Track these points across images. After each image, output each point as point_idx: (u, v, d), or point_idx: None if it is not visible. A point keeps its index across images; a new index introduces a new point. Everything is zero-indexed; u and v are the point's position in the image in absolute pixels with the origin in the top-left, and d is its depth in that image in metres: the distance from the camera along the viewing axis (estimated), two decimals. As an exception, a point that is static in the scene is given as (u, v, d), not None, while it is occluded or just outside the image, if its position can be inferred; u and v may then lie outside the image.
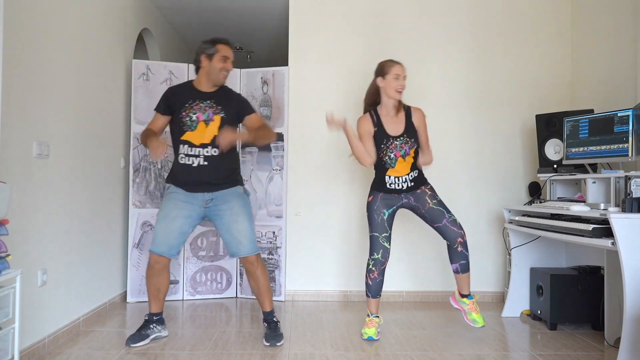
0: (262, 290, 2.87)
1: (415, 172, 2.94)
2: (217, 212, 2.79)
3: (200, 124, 2.74)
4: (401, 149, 2.88)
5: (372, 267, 2.94)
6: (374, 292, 2.97)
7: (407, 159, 2.89)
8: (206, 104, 2.77)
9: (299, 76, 4.00)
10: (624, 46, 3.31)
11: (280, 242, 3.93)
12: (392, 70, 2.86)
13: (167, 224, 2.74)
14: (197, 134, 2.74)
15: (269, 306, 2.91)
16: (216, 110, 2.77)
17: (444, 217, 2.89)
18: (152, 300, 2.85)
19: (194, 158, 2.74)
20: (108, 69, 3.49)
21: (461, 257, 2.92)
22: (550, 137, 3.45)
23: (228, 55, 2.80)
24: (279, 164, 3.94)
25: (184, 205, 2.76)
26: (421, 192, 2.93)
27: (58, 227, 2.80)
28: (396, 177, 2.90)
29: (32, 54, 2.52)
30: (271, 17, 4.96)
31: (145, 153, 3.83)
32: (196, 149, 2.74)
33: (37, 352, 2.56)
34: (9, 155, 2.33)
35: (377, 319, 2.98)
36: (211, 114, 2.76)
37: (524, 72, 4.00)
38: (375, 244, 2.92)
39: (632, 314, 2.29)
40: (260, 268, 2.85)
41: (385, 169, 2.91)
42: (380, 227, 2.92)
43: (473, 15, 4.02)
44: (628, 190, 2.63)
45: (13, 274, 2.02)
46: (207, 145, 2.74)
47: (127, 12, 3.88)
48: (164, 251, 2.74)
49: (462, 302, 3.04)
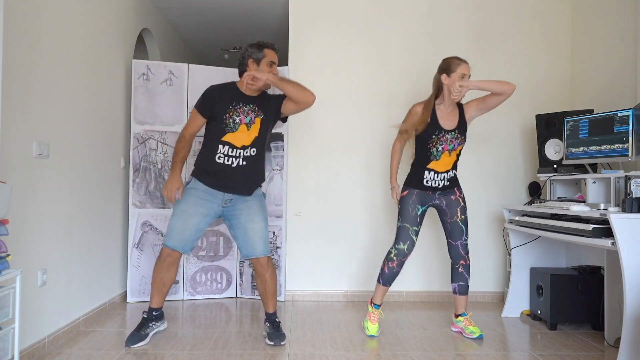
0: (268, 293, 2.88)
1: (453, 173, 2.97)
2: (234, 211, 2.81)
3: (242, 126, 2.76)
4: (450, 143, 2.90)
5: (394, 256, 2.94)
6: (386, 280, 2.98)
7: (452, 154, 2.91)
8: (249, 107, 2.79)
9: (299, 76, 4.00)
10: (624, 46, 3.31)
11: (280, 242, 3.93)
12: (459, 69, 2.86)
13: (184, 219, 2.75)
14: (238, 136, 2.76)
15: (273, 308, 2.91)
16: (258, 113, 2.80)
17: (461, 238, 2.95)
18: (156, 293, 2.83)
19: (234, 159, 2.76)
20: (108, 69, 3.49)
21: (461, 278, 2.98)
22: (550, 137, 3.45)
23: (274, 60, 2.82)
24: (279, 164, 3.94)
25: (203, 202, 2.77)
26: (455, 200, 2.96)
27: (58, 227, 2.80)
28: (436, 173, 2.91)
29: (32, 54, 2.52)
30: (271, 17, 4.96)
31: (146, 153, 3.83)
32: (237, 150, 2.76)
33: (37, 352, 2.56)
34: (9, 155, 2.33)
35: (379, 310, 3.01)
36: (253, 117, 2.78)
37: (524, 72, 4.00)
38: (403, 234, 2.92)
39: (632, 314, 2.29)
40: (271, 270, 2.86)
41: (429, 160, 2.91)
42: (412, 220, 2.93)
43: (473, 15, 4.02)
44: (628, 190, 2.63)
45: (13, 274, 2.02)
46: (248, 147, 2.78)
47: (127, 12, 3.88)
48: (177, 246, 2.76)
49: (458, 322, 3.06)
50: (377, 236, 3.96)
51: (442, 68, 2.92)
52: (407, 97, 3.96)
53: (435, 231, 3.93)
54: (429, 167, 2.92)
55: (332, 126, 3.99)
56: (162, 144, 3.86)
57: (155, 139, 3.84)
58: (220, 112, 2.76)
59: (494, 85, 2.84)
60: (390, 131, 3.95)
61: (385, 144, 3.95)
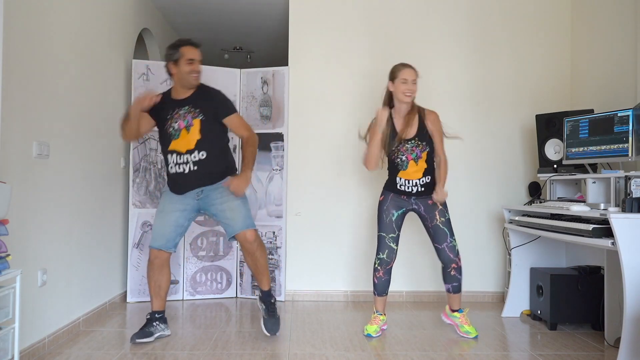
0: (259, 270, 2.86)
1: (428, 178, 2.93)
2: (208, 200, 2.81)
3: (182, 131, 2.75)
4: (412, 152, 2.88)
5: (378, 266, 2.97)
6: (379, 291, 3.00)
7: (419, 162, 2.89)
8: (184, 110, 2.77)
9: (299, 76, 4.00)
10: (624, 46, 3.31)
11: (280, 242, 3.92)
12: (400, 74, 2.85)
13: (162, 217, 2.80)
14: (181, 142, 2.75)
15: (267, 285, 2.92)
16: (194, 114, 2.76)
17: (445, 240, 2.92)
18: (154, 297, 2.86)
19: (184, 165, 2.76)
20: (108, 69, 3.49)
21: (454, 280, 2.99)
22: (550, 137, 3.45)
23: (193, 56, 2.76)
24: (279, 164, 3.94)
25: (178, 199, 2.81)
26: (433, 204, 2.93)
27: (58, 227, 2.80)
28: (407, 180, 2.91)
29: (32, 54, 2.52)
30: (271, 17, 4.96)
31: (146, 153, 3.83)
32: (184, 156, 2.75)
33: (37, 352, 2.56)
34: (9, 155, 2.33)
35: (382, 316, 3.01)
36: (190, 119, 2.75)
37: (524, 72, 4.00)
38: (381, 243, 2.95)
39: (632, 314, 2.29)
40: (260, 245, 2.83)
41: (397, 170, 2.92)
42: (387, 227, 2.93)
43: (473, 15, 4.02)
44: (628, 190, 2.63)
45: (13, 274, 2.02)
46: (193, 151, 2.75)
47: (127, 12, 3.88)
48: (161, 245, 2.79)
49: (453, 317, 3.07)
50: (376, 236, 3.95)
51: (390, 75, 2.92)
52: (407, 97, 3.96)
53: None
54: (399, 176, 2.93)
55: (332, 126, 3.99)
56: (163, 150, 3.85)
57: (155, 139, 3.84)
58: (162, 123, 2.78)
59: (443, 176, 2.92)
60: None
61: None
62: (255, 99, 3.99)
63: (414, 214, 3.08)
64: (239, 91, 4.01)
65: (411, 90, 2.85)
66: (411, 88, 2.85)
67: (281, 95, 3.96)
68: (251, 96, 3.99)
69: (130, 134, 2.82)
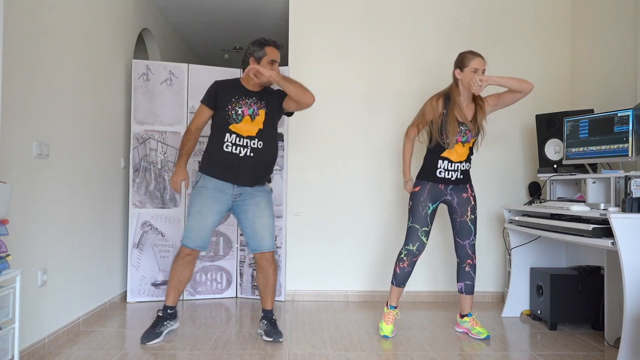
0: (269, 289, 2.93)
1: (468, 165, 2.96)
2: (242, 206, 2.85)
3: (246, 117, 2.80)
4: (464, 135, 2.90)
5: (404, 256, 2.95)
6: (399, 281, 2.99)
7: (465, 146, 2.92)
8: (251, 100, 2.83)
9: (299, 76, 3.99)
10: (624, 46, 3.31)
11: (280, 242, 3.93)
12: (471, 63, 2.85)
13: (200, 219, 2.80)
14: (243, 126, 2.79)
15: (271, 305, 2.95)
16: (260, 105, 2.83)
17: (469, 237, 2.95)
18: (173, 291, 2.87)
19: (242, 148, 2.79)
20: (108, 69, 3.49)
21: (467, 277, 2.98)
22: (550, 137, 3.45)
23: (276, 58, 2.83)
24: (279, 164, 3.94)
25: (214, 200, 2.81)
26: (467, 198, 2.96)
27: (58, 227, 2.80)
28: (449, 162, 2.91)
29: (32, 54, 2.52)
30: (271, 17, 4.96)
31: (146, 153, 3.83)
32: (244, 140, 2.79)
33: (37, 352, 2.56)
34: (9, 155, 2.33)
35: (395, 311, 3.00)
36: (256, 109, 2.82)
37: (524, 72, 4.00)
38: (413, 235, 2.93)
39: (632, 314, 2.29)
40: (274, 266, 2.92)
41: (443, 149, 2.91)
42: (422, 220, 2.93)
43: (474, 15, 4.02)
44: (628, 190, 2.63)
45: (13, 274, 2.02)
46: (254, 138, 2.80)
47: (127, 12, 3.88)
48: (198, 245, 2.82)
49: (463, 323, 3.06)
50: (377, 236, 3.96)
51: (456, 63, 2.93)
52: (407, 96, 3.96)
53: (441, 231, 3.93)
54: (442, 156, 2.92)
55: (332, 126, 3.99)
56: (162, 144, 3.86)
57: (155, 139, 3.84)
58: (223, 104, 2.81)
59: (513, 82, 2.82)
60: (389, 130, 3.95)
61: (385, 144, 3.95)
62: (255, 99, 3.99)
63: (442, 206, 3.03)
64: (239, 91, 4.01)
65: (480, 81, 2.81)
66: (482, 78, 2.81)
67: (281, 95, 3.96)
68: (251, 96, 3.99)
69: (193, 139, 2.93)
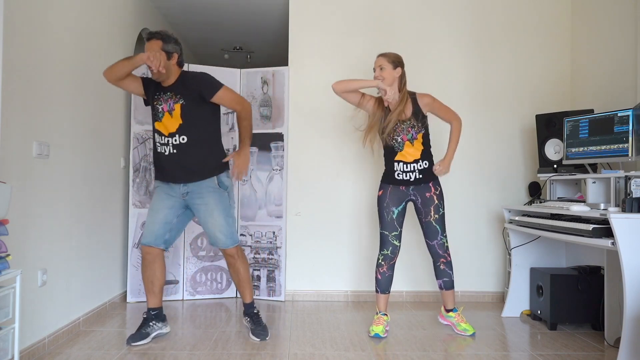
0: (242, 282, 2.94)
1: (426, 164, 2.95)
2: (194, 206, 2.86)
3: (165, 114, 2.80)
4: (407, 133, 2.91)
5: (382, 261, 2.99)
6: (383, 287, 3.00)
7: (414, 143, 2.92)
8: (167, 95, 2.82)
9: (299, 76, 4.00)
10: (624, 46, 3.31)
11: (280, 242, 3.93)
12: (374, 64, 2.97)
13: (152, 215, 2.85)
14: (164, 124, 2.80)
15: (249, 297, 2.97)
16: (175, 99, 2.80)
17: (436, 237, 2.96)
18: (148, 294, 2.90)
19: (165, 147, 2.81)
20: (108, 69, 3.49)
21: (444, 274, 3.01)
22: (550, 137, 3.45)
23: (147, 48, 2.74)
24: (279, 164, 3.94)
25: (166, 196, 2.86)
26: (430, 197, 2.95)
27: (58, 227, 2.80)
28: (405, 164, 2.92)
29: (32, 54, 2.52)
30: (271, 17, 4.96)
31: (146, 153, 3.83)
32: (166, 138, 2.80)
33: (37, 352, 2.56)
34: (9, 155, 2.33)
35: (385, 317, 3.01)
36: (172, 104, 2.80)
37: (524, 72, 4.00)
38: (384, 241, 2.98)
39: (632, 314, 2.29)
40: (240, 260, 2.92)
41: (395, 152, 2.94)
42: (389, 225, 2.96)
43: (473, 15, 4.02)
44: (628, 190, 2.63)
45: (13, 274, 2.02)
46: (175, 134, 2.79)
47: (127, 12, 3.88)
48: (150, 241, 2.83)
49: (449, 317, 3.09)
50: (377, 236, 3.96)
51: None
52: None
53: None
54: (396, 159, 2.95)
55: (332, 126, 3.99)
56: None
57: (155, 139, 3.84)
58: (150, 99, 2.86)
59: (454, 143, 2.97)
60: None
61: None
62: (255, 99, 3.99)
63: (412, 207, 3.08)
64: (239, 91, 4.01)
65: (380, 77, 2.91)
66: (379, 74, 2.91)
67: (281, 95, 3.96)
68: (251, 96, 3.99)
69: (114, 75, 2.73)
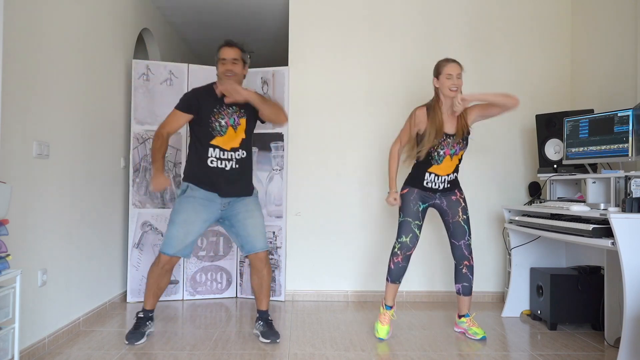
0: (264, 289, 2.91)
1: (455, 175, 2.95)
2: (232, 211, 2.85)
3: (229, 129, 2.78)
4: (452, 148, 2.89)
5: (398, 250, 2.92)
6: (394, 277, 2.94)
7: (453, 158, 2.91)
8: (232, 109, 2.80)
9: (299, 76, 4.00)
10: (624, 46, 3.31)
11: (280, 242, 3.92)
12: (445, 69, 2.84)
13: (186, 227, 2.75)
14: (226, 139, 2.78)
15: (266, 305, 2.94)
16: (240, 114, 2.81)
17: (464, 237, 2.93)
18: (152, 297, 2.89)
19: (227, 162, 2.79)
20: (108, 69, 3.49)
21: (465, 279, 2.96)
22: (550, 137, 3.45)
23: (225, 56, 2.76)
24: (279, 164, 3.94)
25: (202, 209, 2.78)
26: (456, 200, 2.95)
27: (58, 227, 2.80)
28: (436, 176, 2.91)
29: (33, 54, 2.52)
30: (271, 17, 4.96)
31: (146, 153, 3.83)
32: (228, 153, 2.79)
33: (37, 352, 2.56)
34: (9, 155, 2.33)
35: (391, 311, 2.96)
36: (237, 119, 2.80)
37: (524, 72, 4.00)
38: (405, 228, 2.90)
39: (632, 314, 2.29)
40: (268, 267, 2.91)
41: (430, 164, 2.90)
42: (414, 214, 2.92)
43: (474, 15, 4.02)
44: (628, 190, 2.63)
45: (13, 274, 2.02)
46: (238, 149, 2.81)
47: (127, 12, 3.88)
48: (178, 252, 2.78)
49: (461, 323, 3.06)
50: (377, 236, 3.96)
51: (434, 71, 2.92)
52: (407, 97, 3.96)
53: (438, 231, 3.93)
54: (430, 170, 2.91)
55: (332, 126, 3.99)
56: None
57: (155, 139, 3.84)
58: (205, 115, 2.76)
59: (497, 98, 2.78)
60: (389, 130, 3.95)
61: (385, 144, 3.95)
62: (255, 99, 3.99)
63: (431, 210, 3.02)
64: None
65: (456, 85, 2.82)
66: (456, 83, 2.82)
67: (281, 95, 3.96)
68: (251, 96, 3.99)
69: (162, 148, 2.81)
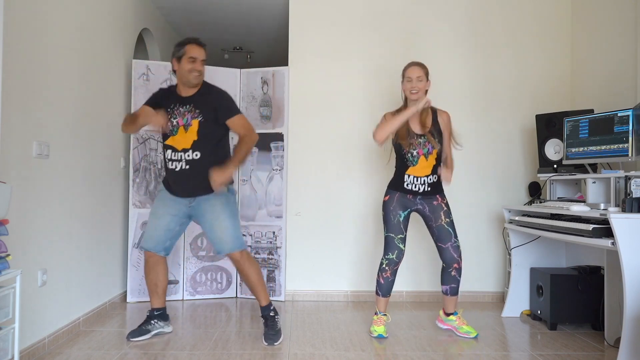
0: (253, 285, 2.88)
1: (435, 177, 2.93)
2: (199, 211, 2.81)
3: (180, 129, 2.75)
4: (424, 147, 2.89)
5: (386, 266, 2.95)
6: (384, 291, 2.99)
7: (429, 158, 2.90)
8: (185, 108, 2.76)
9: (299, 76, 4.00)
10: (624, 46, 3.31)
11: (280, 242, 3.92)
12: (405, 73, 2.90)
13: (154, 220, 2.84)
14: (178, 139, 2.75)
15: (265, 300, 2.91)
16: (194, 114, 2.75)
17: (449, 240, 2.93)
18: (152, 295, 2.93)
19: (177, 162, 2.76)
20: (108, 69, 3.49)
21: (453, 281, 2.98)
22: (550, 137, 3.45)
23: (196, 55, 2.73)
24: (279, 164, 3.94)
25: (171, 203, 2.83)
26: (438, 205, 2.94)
27: (58, 227, 2.80)
28: (415, 177, 2.90)
29: (32, 54, 2.52)
30: (271, 17, 4.96)
31: (146, 153, 3.83)
32: (178, 154, 2.75)
33: (37, 352, 2.56)
34: (9, 155, 2.33)
35: (385, 317, 3.00)
36: (189, 119, 2.74)
37: (524, 72, 4.00)
38: (390, 244, 2.94)
39: (632, 314, 2.29)
40: (248, 263, 2.84)
41: (407, 166, 2.92)
42: (396, 228, 2.93)
43: (474, 15, 4.02)
44: (628, 190, 2.63)
45: (13, 274, 2.02)
46: (188, 150, 2.74)
47: (127, 12, 3.88)
48: (151, 247, 2.84)
49: (449, 321, 3.07)
50: (377, 235, 3.96)
51: None
52: (407, 97, 3.96)
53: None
54: (407, 173, 2.92)
55: (332, 126, 3.99)
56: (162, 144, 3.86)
57: (155, 139, 3.85)
58: None
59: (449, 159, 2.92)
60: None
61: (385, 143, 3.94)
62: (255, 99, 3.99)
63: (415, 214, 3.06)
64: (239, 91, 4.01)
65: (416, 88, 2.85)
66: (415, 85, 2.85)
67: (281, 95, 3.96)
68: (251, 96, 3.99)
69: (129, 130, 2.80)
